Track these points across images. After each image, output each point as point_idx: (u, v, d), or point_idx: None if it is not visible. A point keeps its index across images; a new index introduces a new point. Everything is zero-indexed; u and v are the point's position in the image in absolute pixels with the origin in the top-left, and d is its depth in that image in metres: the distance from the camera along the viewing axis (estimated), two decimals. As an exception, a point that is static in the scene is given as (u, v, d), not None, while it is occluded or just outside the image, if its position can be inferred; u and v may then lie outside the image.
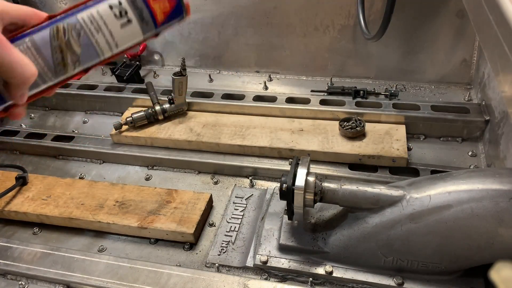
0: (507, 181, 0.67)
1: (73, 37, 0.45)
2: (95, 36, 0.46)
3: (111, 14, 0.46)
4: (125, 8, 0.46)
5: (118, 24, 0.46)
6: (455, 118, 1.06)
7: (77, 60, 0.46)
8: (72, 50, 0.45)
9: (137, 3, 0.46)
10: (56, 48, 0.45)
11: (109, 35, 0.46)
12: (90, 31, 0.46)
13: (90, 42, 0.46)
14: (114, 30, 0.46)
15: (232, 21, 1.34)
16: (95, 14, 0.45)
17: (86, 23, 0.45)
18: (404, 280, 0.74)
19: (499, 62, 0.50)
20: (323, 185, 0.75)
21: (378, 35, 1.05)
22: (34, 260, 0.84)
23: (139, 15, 0.47)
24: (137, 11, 0.47)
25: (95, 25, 0.46)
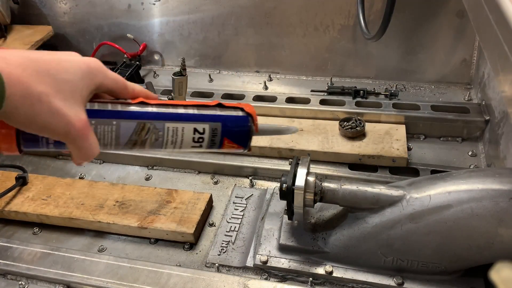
0: (507, 181, 0.67)
1: (151, 139, 0.49)
2: (167, 143, 0.50)
3: (191, 135, 0.50)
4: (204, 137, 0.51)
5: (190, 143, 0.51)
6: (455, 118, 1.06)
7: (142, 149, 0.50)
8: (141, 146, 0.49)
9: (215, 139, 0.52)
10: (131, 141, 0.48)
11: (179, 145, 0.51)
12: (167, 139, 0.50)
13: (160, 145, 0.50)
14: (185, 145, 0.51)
15: (232, 21, 1.34)
16: (179, 129, 0.50)
17: (168, 133, 0.49)
18: (404, 280, 0.74)
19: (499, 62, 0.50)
20: (323, 185, 0.75)
21: (378, 35, 1.05)
22: (34, 260, 0.84)
23: (210, 145, 0.52)
24: (211, 142, 0.52)
25: (174, 138, 0.50)
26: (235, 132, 0.53)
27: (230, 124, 0.52)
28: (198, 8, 1.35)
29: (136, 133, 0.48)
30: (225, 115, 0.52)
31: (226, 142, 0.52)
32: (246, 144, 0.54)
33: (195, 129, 0.50)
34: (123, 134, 0.48)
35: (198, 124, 0.50)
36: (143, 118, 0.48)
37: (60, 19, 1.50)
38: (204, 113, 0.51)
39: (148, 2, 1.39)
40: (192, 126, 0.50)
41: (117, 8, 1.43)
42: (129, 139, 0.48)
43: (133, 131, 0.48)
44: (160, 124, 0.49)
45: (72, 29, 1.51)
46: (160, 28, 1.43)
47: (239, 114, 0.53)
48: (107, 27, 1.47)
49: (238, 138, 0.53)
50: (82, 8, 1.46)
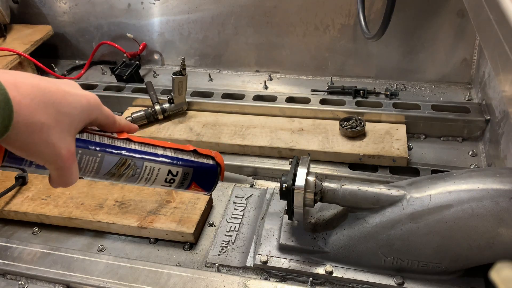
0: (507, 180, 0.67)
1: (128, 174, 0.53)
2: (141, 180, 0.55)
3: (164, 176, 0.56)
4: (175, 179, 0.57)
5: (162, 182, 0.57)
6: (455, 118, 1.06)
7: (115, 180, 0.54)
8: (118, 178, 0.53)
9: (185, 182, 0.58)
10: (110, 173, 0.52)
11: (151, 183, 0.56)
12: (142, 176, 0.54)
13: (134, 180, 0.54)
14: (156, 183, 0.57)
15: (232, 20, 1.34)
16: (155, 169, 0.55)
17: (145, 171, 0.54)
18: (404, 280, 0.74)
19: (500, 61, 0.50)
20: (323, 185, 0.75)
21: (378, 34, 1.05)
22: (34, 260, 0.84)
23: (178, 186, 0.59)
24: (180, 184, 0.58)
25: (149, 176, 0.55)
26: (204, 179, 0.60)
27: (201, 171, 0.59)
28: (198, 8, 1.35)
29: (117, 166, 0.52)
30: (198, 161, 0.59)
31: (193, 186, 0.59)
32: (210, 188, 0.61)
33: (170, 171, 0.56)
34: (105, 166, 0.51)
35: (173, 167, 0.56)
36: (126, 155, 0.52)
37: (59, 18, 1.50)
38: (180, 157, 0.57)
39: (148, 2, 1.39)
40: (168, 168, 0.56)
41: (117, 8, 1.43)
42: (109, 171, 0.51)
43: (114, 164, 0.51)
44: (140, 162, 0.53)
45: (71, 29, 1.51)
46: (160, 27, 1.42)
47: (209, 162, 0.60)
48: (107, 27, 1.47)
49: (205, 184, 0.60)
50: (81, 8, 1.46)
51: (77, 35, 1.52)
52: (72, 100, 0.45)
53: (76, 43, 1.53)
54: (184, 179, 0.58)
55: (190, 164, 0.58)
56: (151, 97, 1.19)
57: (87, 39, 1.51)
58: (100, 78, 1.44)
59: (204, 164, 0.59)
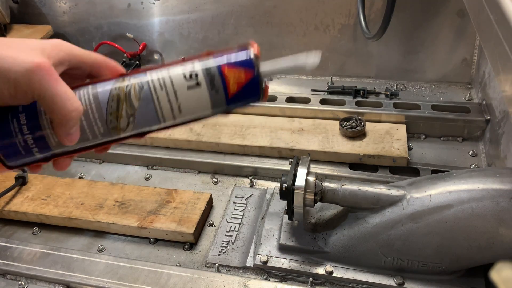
0: (507, 180, 0.67)
1: (135, 89, 0.42)
2: (157, 92, 0.42)
3: (180, 74, 0.42)
4: (196, 70, 0.42)
5: (185, 84, 0.42)
6: (455, 118, 1.06)
7: (131, 115, 0.42)
8: (129, 102, 0.42)
9: (211, 69, 0.42)
10: (113, 96, 0.42)
11: (173, 94, 0.42)
12: (154, 87, 0.42)
13: (151, 97, 0.42)
14: (180, 89, 0.42)
15: (232, 20, 1.34)
16: (164, 74, 0.42)
17: (153, 80, 0.42)
18: (404, 280, 0.74)
19: (500, 61, 0.50)
20: (323, 185, 0.74)
21: (378, 34, 1.05)
22: (34, 260, 0.84)
23: (209, 80, 0.42)
24: (208, 75, 0.42)
25: (161, 83, 0.42)
26: (236, 65, 0.43)
27: (224, 57, 0.43)
28: (198, 7, 1.35)
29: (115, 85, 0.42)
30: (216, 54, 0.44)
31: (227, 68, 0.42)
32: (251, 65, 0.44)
33: (185, 75, 0.42)
34: (100, 89, 0.42)
35: (186, 67, 0.42)
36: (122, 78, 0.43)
37: (59, 18, 1.50)
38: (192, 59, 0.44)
39: (148, 1, 1.38)
40: (181, 71, 0.42)
41: (117, 8, 1.43)
42: (109, 93, 0.41)
43: (110, 84, 0.42)
44: (141, 75, 0.42)
45: (71, 29, 1.51)
46: (160, 27, 1.42)
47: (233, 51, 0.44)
48: (107, 27, 1.47)
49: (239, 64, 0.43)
50: (81, 8, 1.46)
51: (77, 35, 1.52)
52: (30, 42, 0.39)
53: (76, 43, 1.51)
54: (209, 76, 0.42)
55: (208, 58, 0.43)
56: (151, 97, 1.19)
57: (87, 39, 1.51)
58: (100, 78, 1.43)
59: (226, 53, 0.44)
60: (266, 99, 0.45)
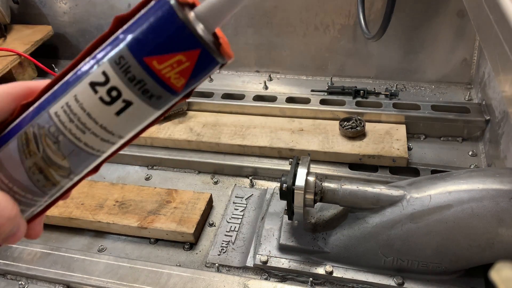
0: (507, 180, 0.67)
1: (50, 147, 0.29)
2: (81, 139, 0.29)
3: (95, 99, 0.28)
4: (115, 85, 0.28)
5: (111, 112, 0.29)
6: (455, 118, 1.06)
7: (69, 173, 0.31)
8: (55, 165, 0.30)
9: (133, 72, 0.28)
10: (32, 168, 0.30)
11: (102, 130, 0.29)
12: (72, 133, 0.29)
13: (78, 149, 0.30)
14: (107, 121, 0.29)
15: (232, 20, 1.34)
16: (72, 104, 0.28)
17: (63, 121, 0.29)
18: (404, 280, 0.74)
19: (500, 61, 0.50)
20: (323, 185, 0.75)
21: (378, 34, 1.05)
22: (34, 260, 0.84)
23: (141, 92, 0.28)
24: (136, 86, 0.28)
25: (77, 123, 0.29)
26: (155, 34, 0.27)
27: (138, 31, 0.28)
28: (198, 8, 1.35)
29: (24, 152, 0.30)
30: (126, 28, 0.29)
31: (156, 62, 0.27)
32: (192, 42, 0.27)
33: (92, 84, 0.28)
34: (10, 167, 0.30)
35: (90, 74, 0.28)
36: (21, 127, 0.30)
37: (60, 18, 1.50)
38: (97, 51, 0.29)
39: (148, 2, 1.38)
40: (86, 83, 0.28)
41: (117, 8, 1.43)
42: (22, 165, 0.30)
43: (18, 153, 0.30)
44: (43, 117, 0.29)
45: (72, 29, 1.51)
46: (160, 27, 1.42)
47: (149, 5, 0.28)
48: (107, 27, 1.46)
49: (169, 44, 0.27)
50: (82, 8, 1.46)
51: (77, 35, 1.52)
52: None
53: (76, 43, 1.53)
54: (125, 71, 0.27)
55: (114, 43, 0.29)
56: (151, 97, 1.19)
57: (88, 39, 1.51)
58: (100, 78, 1.44)
59: (137, 20, 0.28)
60: (231, 57, 0.30)
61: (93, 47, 0.29)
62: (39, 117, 0.29)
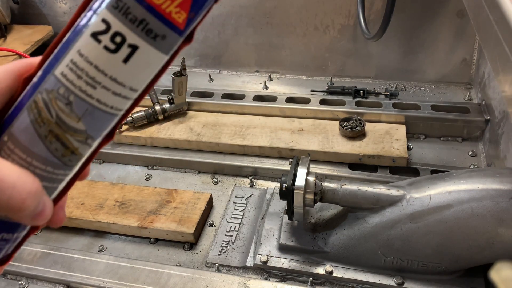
0: (507, 180, 0.67)
1: (63, 110, 0.28)
2: (93, 96, 0.28)
3: (100, 49, 0.27)
4: (118, 29, 0.27)
5: (118, 60, 0.27)
6: (455, 118, 1.06)
7: (86, 136, 0.29)
8: (71, 129, 0.28)
9: (134, 12, 0.27)
10: (48, 137, 0.28)
11: (112, 82, 0.28)
12: (82, 91, 0.28)
13: (91, 107, 0.28)
14: (116, 71, 0.28)
15: (232, 20, 1.34)
16: (77, 60, 0.27)
17: (71, 79, 0.27)
18: (404, 280, 0.74)
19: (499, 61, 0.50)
20: (323, 185, 0.75)
21: (378, 34, 1.05)
22: (34, 260, 0.84)
23: (145, 33, 0.27)
24: (139, 27, 0.27)
25: (86, 78, 0.27)
26: None
27: None
28: (198, 8, 1.35)
29: (37, 120, 0.28)
30: None
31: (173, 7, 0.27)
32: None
33: (94, 34, 0.27)
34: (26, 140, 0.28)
35: (90, 25, 0.27)
36: (30, 96, 0.28)
37: (60, 19, 1.50)
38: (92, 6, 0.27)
39: (148, 2, 1.38)
40: (87, 35, 0.27)
41: (117, 8, 1.43)
42: (37, 134, 0.28)
43: (30, 122, 0.28)
44: (50, 81, 0.28)
45: (72, 29, 1.51)
46: (160, 27, 1.42)
47: None
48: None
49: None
50: (82, 8, 1.46)
51: (77, 35, 1.52)
52: None
53: (76, 43, 1.54)
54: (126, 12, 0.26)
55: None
56: (151, 97, 1.19)
57: (87, 39, 1.51)
58: (100, 78, 1.44)
59: None
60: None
61: (87, 1, 0.28)
62: (45, 82, 0.28)
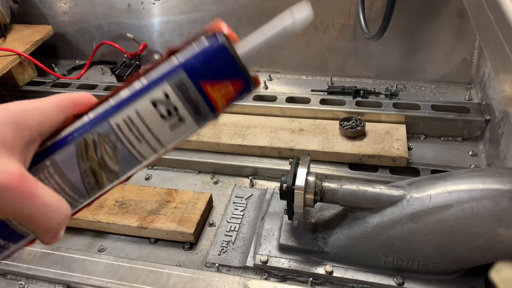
0: (507, 180, 0.67)
1: (108, 153, 0.33)
2: (136, 147, 0.34)
3: (155, 114, 0.33)
4: (174, 103, 0.33)
5: (166, 126, 0.34)
6: (455, 118, 1.06)
7: (115, 177, 0.35)
8: (107, 170, 0.34)
9: (191, 94, 0.33)
10: (86, 171, 0.33)
11: (155, 141, 0.34)
12: (130, 142, 0.33)
13: (131, 155, 0.34)
14: (162, 133, 0.34)
15: (232, 20, 1.34)
16: (133, 117, 0.33)
17: (123, 131, 0.33)
18: (404, 280, 0.74)
19: (500, 61, 0.50)
20: (323, 185, 0.75)
21: (378, 34, 1.05)
22: (34, 260, 0.84)
23: (194, 110, 0.34)
24: (191, 105, 0.33)
25: (136, 133, 0.33)
26: (210, 64, 0.34)
27: (195, 61, 0.33)
28: (198, 8, 1.35)
29: (82, 157, 0.33)
30: (184, 56, 0.34)
31: (209, 86, 0.33)
32: (238, 71, 0.35)
33: (154, 102, 0.33)
34: (67, 168, 0.33)
35: (152, 93, 0.33)
36: (79, 134, 0.33)
37: (60, 18, 1.50)
38: (154, 77, 0.33)
39: (148, 2, 1.38)
40: (147, 100, 0.33)
41: (117, 8, 1.43)
42: (80, 170, 0.33)
43: (76, 158, 0.33)
44: (104, 126, 0.33)
45: (72, 29, 1.51)
46: (160, 27, 1.42)
47: (202, 41, 0.34)
48: (107, 27, 1.47)
49: (220, 68, 0.34)
50: (82, 8, 1.46)
51: (77, 35, 1.52)
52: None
53: (76, 43, 1.53)
54: (184, 93, 0.33)
55: (173, 69, 0.33)
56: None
57: (87, 39, 1.51)
58: (100, 78, 1.44)
59: (194, 51, 0.34)
60: (259, 86, 0.37)
61: (148, 70, 0.34)
62: (99, 126, 0.33)
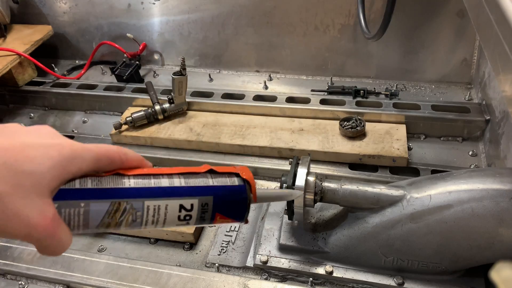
0: (507, 180, 0.67)
1: (127, 221, 0.40)
2: (147, 223, 0.42)
3: (176, 213, 0.42)
4: (192, 214, 0.43)
5: (175, 221, 0.43)
6: (455, 118, 1.06)
7: (115, 232, 0.44)
8: (117, 228, 0.41)
9: (205, 215, 0.43)
10: (103, 224, 0.40)
11: (161, 225, 0.43)
12: (146, 219, 0.41)
13: (138, 225, 0.41)
14: (168, 223, 0.43)
15: (232, 20, 1.34)
16: (162, 208, 0.41)
17: (149, 212, 0.41)
18: (404, 280, 0.74)
19: (500, 61, 0.50)
20: (323, 185, 0.74)
21: (378, 34, 1.05)
22: (34, 260, 0.84)
23: (199, 221, 0.44)
24: (200, 219, 0.44)
25: (155, 217, 0.41)
26: (230, 206, 0.45)
27: (223, 197, 0.44)
28: (198, 8, 1.35)
29: (110, 215, 0.40)
30: (217, 186, 0.44)
31: (219, 218, 0.44)
32: (242, 217, 0.46)
33: (181, 206, 0.42)
34: (93, 217, 0.39)
35: (184, 200, 0.42)
36: (118, 197, 0.40)
37: (59, 18, 1.50)
38: (191, 186, 0.43)
39: (148, 2, 1.39)
40: (178, 203, 0.42)
41: (117, 8, 1.43)
42: (100, 222, 0.40)
43: (105, 213, 0.39)
44: (138, 203, 0.41)
45: (71, 29, 1.51)
46: (160, 27, 1.42)
47: (234, 183, 0.45)
48: (107, 27, 1.47)
49: (233, 211, 0.45)
50: (81, 8, 1.46)
51: (77, 35, 1.52)
52: (34, 155, 0.35)
53: (76, 43, 1.53)
54: (203, 212, 0.43)
55: (207, 191, 0.44)
56: (151, 97, 1.19)
57: (87, 39, 1.51)
58: (100, 78, 1.44)
59: (226, 188, 0.45)
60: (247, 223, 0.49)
61: (187, 173, 0.45)
62: (135, 201, 0.40)
